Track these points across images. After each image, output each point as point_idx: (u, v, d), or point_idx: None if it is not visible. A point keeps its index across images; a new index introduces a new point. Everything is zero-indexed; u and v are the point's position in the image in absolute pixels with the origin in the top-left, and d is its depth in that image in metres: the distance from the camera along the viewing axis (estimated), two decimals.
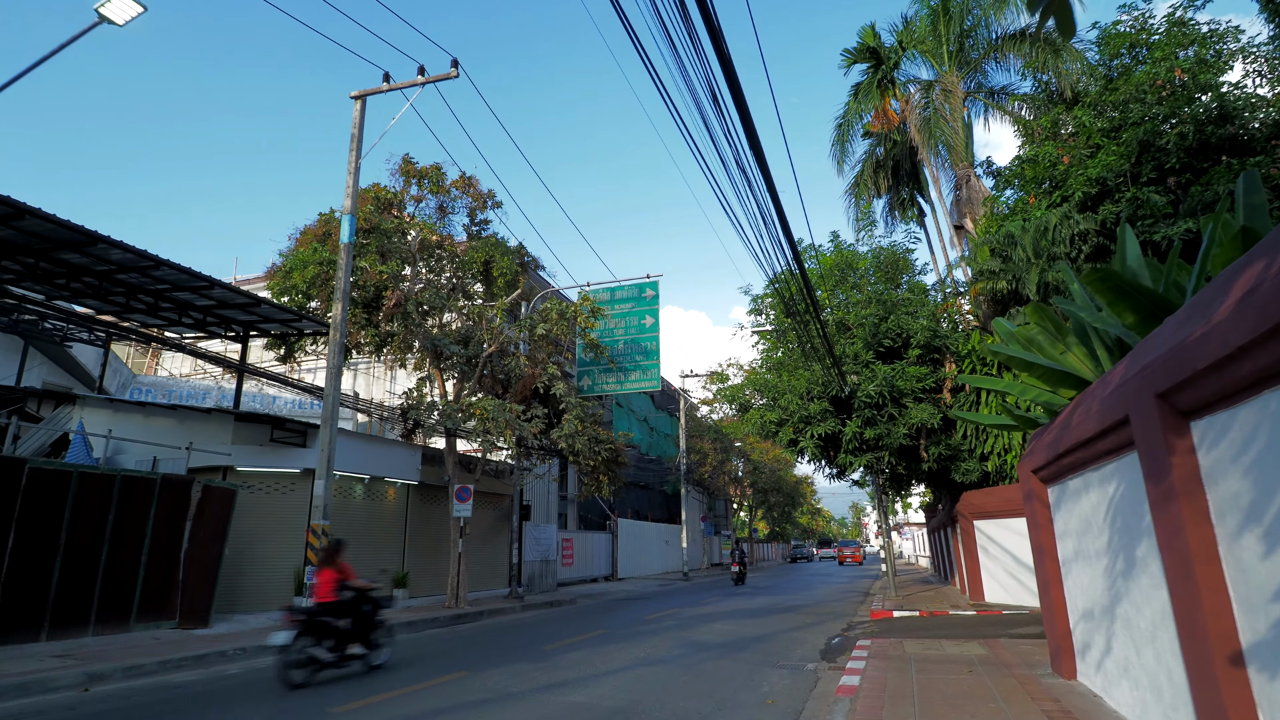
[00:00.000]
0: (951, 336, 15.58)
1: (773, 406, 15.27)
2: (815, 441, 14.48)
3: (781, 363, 16.22)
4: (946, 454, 14.83)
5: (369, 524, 16.39)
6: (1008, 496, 14.41)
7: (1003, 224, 15.85)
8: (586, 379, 19.84)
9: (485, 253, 19.09)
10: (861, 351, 14.80)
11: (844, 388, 14.07)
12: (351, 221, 13.93)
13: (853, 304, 15.67)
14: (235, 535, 14.25)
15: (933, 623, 12.46)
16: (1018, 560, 14.32)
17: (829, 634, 11.86)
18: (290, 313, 14.69)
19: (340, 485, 15.69)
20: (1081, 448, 5.33)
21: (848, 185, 21.51)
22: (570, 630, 12.37)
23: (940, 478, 16.95)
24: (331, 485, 15.23)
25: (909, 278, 17.24)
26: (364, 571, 15.86)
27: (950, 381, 15.37)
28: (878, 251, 16.53)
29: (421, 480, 17.88)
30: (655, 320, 19.09)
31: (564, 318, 17.64)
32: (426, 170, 18.22)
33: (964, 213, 18.49)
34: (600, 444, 17.79)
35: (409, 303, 15.24)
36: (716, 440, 39.41)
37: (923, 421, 14.35)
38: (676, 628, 12.48)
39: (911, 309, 15.57)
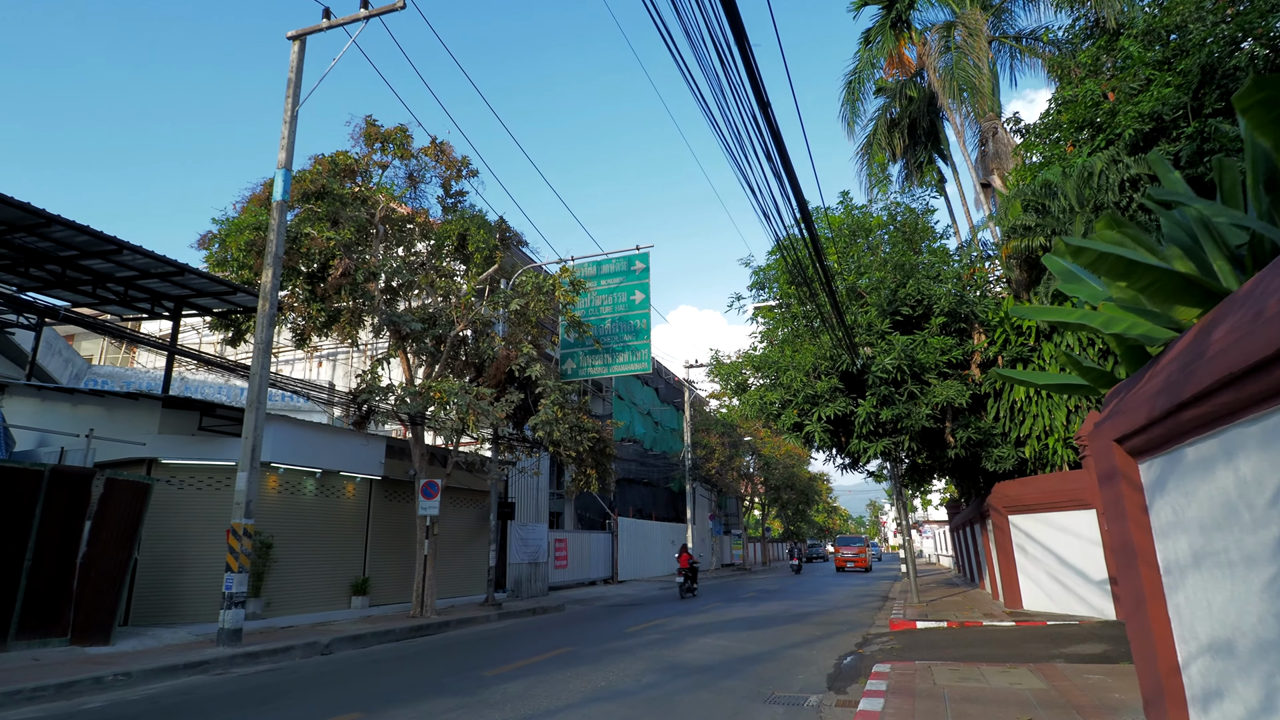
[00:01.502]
0: (980, 303, 13.51)
1: (774, 385, 13.28)
2: (823, 425, 12.49)
3: (785, 339, 14.22)
4: (976, 438, 12.78)
5: (323, 524, 14.62)
6: (1050, 487, 12.33)
7: (1037, 174, 13.77)
8: (570, 362, 17.96)
9: (460, 226, 17.31)
10: (876, 320, 12.79)
11: (856, 361, 12.06)
12: (286, 177, 12.16)
13: (865, 265, 13.64)
14: (159, 537, 12.54)
15: (964, 637, 10.43)
16: (1063, 562, 12.24)
17: (840, 650, 9.89)
18: (222, 284, 12.95)
19: (287, 480, 13.94)
20: (1233, 385, 3.33)
21: (859, 147, 19.45)
22: (531, 648, 10.50)
23: (968, 467, 14.88)
24: (259, 479, 13.51)
25: (929, 244, 15.17)
26: (316, 578, 14.15)
27: (979, 355, 13.30)
28: (893, 207, 14.51)
29: (386, 475, 16.10)
30: (646, 296, 17.17)
31: (541, 291, 15.77)
32: (390, 133, 16.42)
33: (991, 168, 16.39)
34: (584, 432, 15.90)
35: (358, 272, 13.44)
36: (724, 434, 37.37)
37: (948, 400, 12.30)
38: (659, 644, 10.56)
39: (933, 272, 13.53)
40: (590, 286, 17.94)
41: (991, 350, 13.10)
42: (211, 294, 13.46)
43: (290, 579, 13.65)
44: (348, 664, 9.78)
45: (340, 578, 14.87)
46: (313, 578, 14.17)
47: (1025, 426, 12.72)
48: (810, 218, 9.11)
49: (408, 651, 10.89)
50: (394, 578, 16.05)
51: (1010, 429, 13.10)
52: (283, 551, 13.52)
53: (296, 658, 10.51)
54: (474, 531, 19.35)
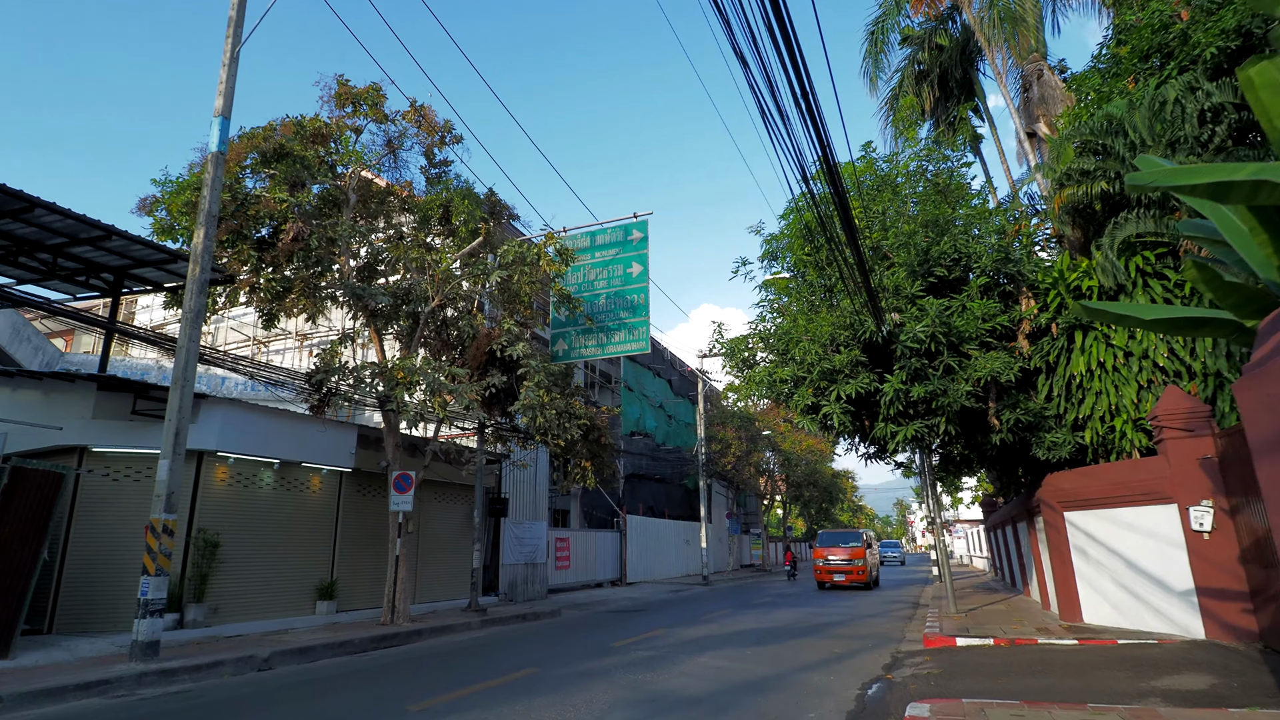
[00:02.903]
0: (1028, 263, 11.54)
1: (785, 361, 11.46)
2: (843, 405, 10.65)
3: (799, 309, 12.35)
4: (1026, 420, 10.83)
5: (282, 520, 13.13)
6: (1118, 477, 10.34)
7: (1094, 112, 11.75)
8: (562, 343, 16.28)
9: (443, 197, 15.74)
10: (905, 283, 10.89)
11: (881, 329, 10.18)
12: (223, 125, 10.64)
13: (891, 219, 11.73)
14: (91, 535, 11.13)
15: (1018, 660, 8.53)
16: (1133, 567, 10.25)
17: (864, 674, 8.07)
18: (160, 251, 11.49)
19: (239, 471, 12.46)
20: None
21: (882, 101, 17.49)
22: (490, 668, 8.84)
23: (1013, 457, 12.90)
24: (210, 470, 12.04)
25: (964, 203, 13.18)
26: (274, 581, 12.59)
27: (1028, 323, 11.33)
28: (928, 153, 12.53)
29: (357, 467, 14.58)
30: (644, 268, 15.43)
31: (525, 262, 14.10)
32: (362, 92, 14.87)
33: (1036, 115, 14.35)
34: (574, 419, 14.21)
35: (312, 237, 11.89)
36: (741, 428, 35.47)
37: (993, 374, 10.37)
38: (645, 664, 8.83)
39: (972, 228, 11.58)
40: (583, 260, 16.25)
41: (1043, 317, 11.14)
42: (152, 263, 12.02)
43: (242, 582, 12.17)
44: (274, 686, 8.22)
45: (304, 581, 13.38)
46: (270, 581, 12.69)
47: (1085, 406, 10.74)
48: (831, 149, 7.32)
49: (355, 668, 9.32)
50: (366, 580, 14.52)
51: (1066, 410, 11.12)
52: (233, 551, 12.05)
53: (225, 675, 9.00)
54: (463, 530, 17.79)
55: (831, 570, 22.24)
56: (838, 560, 22.11)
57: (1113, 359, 10.47)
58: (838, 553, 22.26)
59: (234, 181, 12.15)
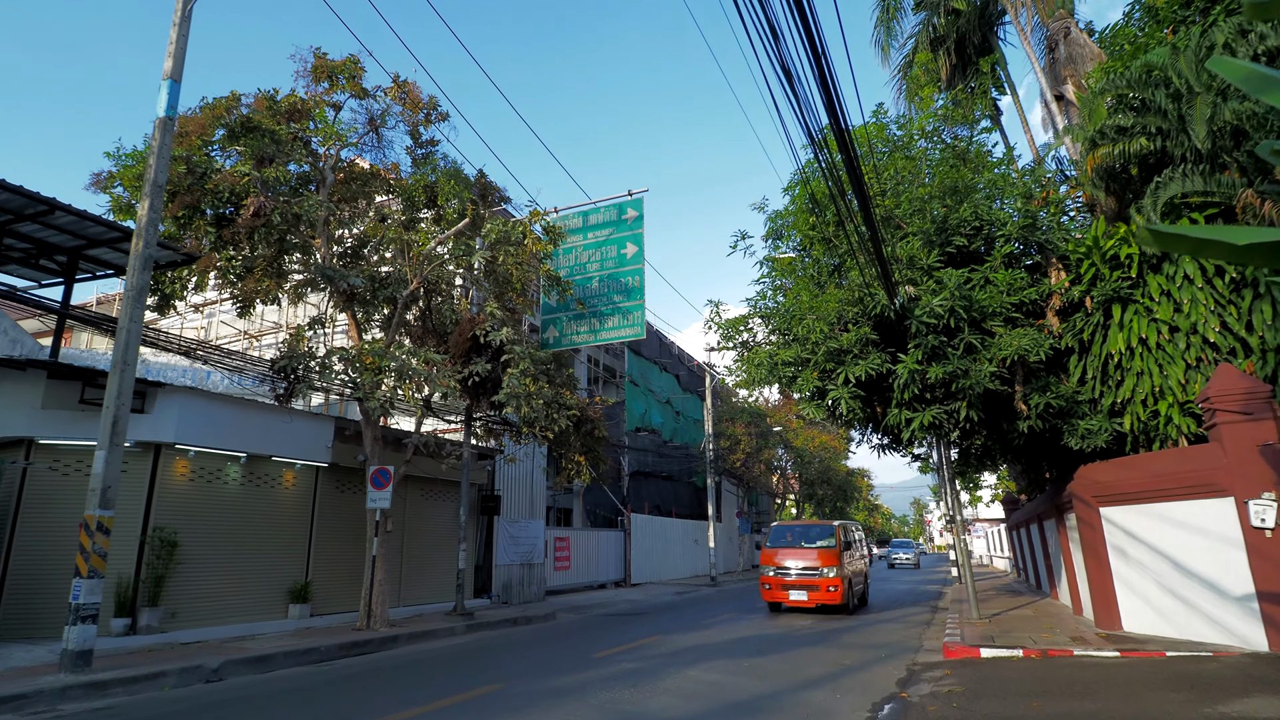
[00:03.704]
0: (1058, 231, 10.40)
1: (788, 341, 10.40)
2: (852, 389, 9.58)
3: (802, 284, 11.27)
4: (1057, 405, 9.70)
5: (250, 519, 12.28)
6: (1163, 468, 9.20)
7: (1130, 64, 10.59)
8: (553, 330, 15.33)
9: (427, 178, 14.87)
10: (920, 253, 9.80)
11: (894, 302, 9.10)
12: (173, 89, 9.80)
13: (905, 182, 10.62)
14: (38, 533, 10.35)
15: (1054, 677, 7.44)
16: (1181, 569, 9.11)
17: (875, 692, 7.04)
18: (113, 228, 10.67)
19: (201, 466, 11.63)
20: None
21: (895, 69, 16.35)
22: (456, 682, 7.90)
23: (1041, 447, 11.76)
24: (166, 464, 11.20)
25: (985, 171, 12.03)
26: (241, 584, 11.65)
27: (1058, 298, 10.19)
28: (945, 112, 11.38)
29: (334, 461, 13.71)
30: (639, 249, 14.43)
31: (508, 241, 13.16)
32: (339, 64, 13.98)
33: (1064, 76, 13.19)
34: (563, 409, 13.24)
35: (274, 213, 11.01)
36: (751, 424, 34.38)
37: (1020, 353, 9.25)
38: (628, 678, 7.84)
39: (995, 193, 10.45)
40: (575, 241, 15.27)
41: (1076, 290, 10.00)
42: (106, 242, 11.21)
43: (204, 584, 11.34)
44: (211, 701, 7.34)
45: (275, 583, 12.52)
46: (236, 583, 11.85)
47: (1125, 389, 9.58)
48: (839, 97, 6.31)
49: (310, 681, 8.44)
50: (344, 583, 13.65)
51: (1103, 393, 9.97)
52: (194, 551, 11.21)
53: (166, 687, 8.15)
54: (453, 529, 16.87)
55: (786, 584, 14.41)
56: (796, 568, 14.40)
57: (1156, 335, 9.33)
58: (795, 557, 14.53)
59: (192, 153, 11.30)
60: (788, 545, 14.95)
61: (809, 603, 14.07)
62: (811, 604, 14.08)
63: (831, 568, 14.15)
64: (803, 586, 14.23)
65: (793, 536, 15.25)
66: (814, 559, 14.32)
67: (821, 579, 14.09)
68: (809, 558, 14.41)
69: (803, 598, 14.14)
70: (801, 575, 14.34)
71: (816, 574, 14.18)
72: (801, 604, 14.19)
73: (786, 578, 14.41)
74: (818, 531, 15.23)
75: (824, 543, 14.68)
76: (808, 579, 14.23)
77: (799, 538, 15.16)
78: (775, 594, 14.59)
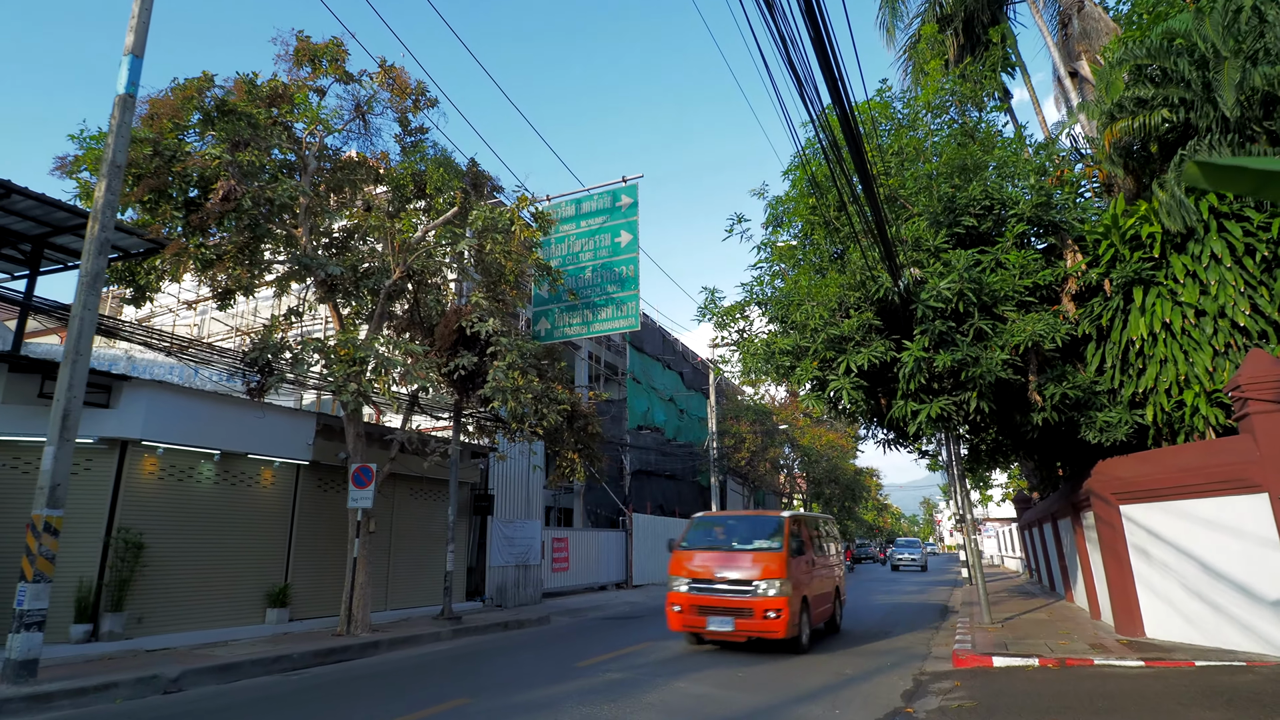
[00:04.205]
0: (1074, 210, 9.73)
1: (786, 330, 9.78)
2: (853, 379, 8.96)
3: (801, 270, 10.63)
4: (1073, 396, 9.04)
5: (225, 519, 11.76)
6: (1189, 462, 8.53)
7: (1149, 32, 9.92)
8: (545, 321, 14.76)
9: (414, 166, 14.37)
10: (926, 234, 9.16)
11: (899, 284, 8.47)
12: (134, 65, 9.29)
13: (910, 158, 9.96)
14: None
15: (1075, 689, 6.80)
16: (1209, 571, 8.44)
17: (878, 708, 6.42)
18: (77, 214, 10.17)
19: (170, 463, 11.12)
20: None
21: (900, 49, 15.68)
22: (423, 694, 7.34)
23: (1056, 441, 11.09)
24: (138, 461, 10.70)
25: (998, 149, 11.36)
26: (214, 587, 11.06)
27: (1074, 282, 9.52)
28: (954, 87, 10.69)
29: (316, 459, 13.17)
30: (634, 237, 13.85)
31: (495, 229, 12.60)
32: (321, 47, 13.49)
33: (1078, 52, 12.52)
34: (553, 404, 12.67)
35: (245, 197, 10.49)
36: (756, 422, 33.74)
37: (1034, 339, 8.60)
38: (609, 691, 7.25)
39: (1006, 171, 9.80)
40: (568, 230, 14.72)
41: (1094, 273, 9.33)
42: (70, 229, 10.71)
43: (174, 588, 10.82)
44: (164, 715, 6.83)
45: (251, 586, 12.00)
46: (209, 586, 11.33)
47: (1147, 378, 8.91)
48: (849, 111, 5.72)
49: (273, 691, 7.93)
50: (327, 585, 13.12)
51: (1123, 383, 9.29)
52: (163, 553, 10.70)
53: (118, 700, 7.65)
54: (444, 529, 16.34)
55: (703, 604, 9.66)
56: (720, 582, 9.64)
57: (1180, 319, 8.66)
58: (721, 564, 9.84)
59: (162, 135, 10.80)
60: (712, 546, 10.24)
61: (735, 635, 9.27)
62: (740, 637, 9.32)
63: (773, 582, 9.13)
64: (727, 610, 9.28)
65: (722, 533, 10.59)
66: (748, 568, 9.43)
67: (756, 599, 9.12)
68: (740, 566, 9.52)
69: (726, 627, 9.22)
70: (728, 593, 9.38)
71: (748, 592, 9.21)
72: (725, 636, 9.39)
73: (705, 595, 9.51)
74: (757, 526, 10.43)
75: (765, 543, 9.76)
76: (735, 598, 9.28)
77: (730, 534, 10.44)
78: (688, 618, 9.61)
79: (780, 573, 9.30)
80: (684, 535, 10.75)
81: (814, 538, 11.16)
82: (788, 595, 9.18)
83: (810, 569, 10.37)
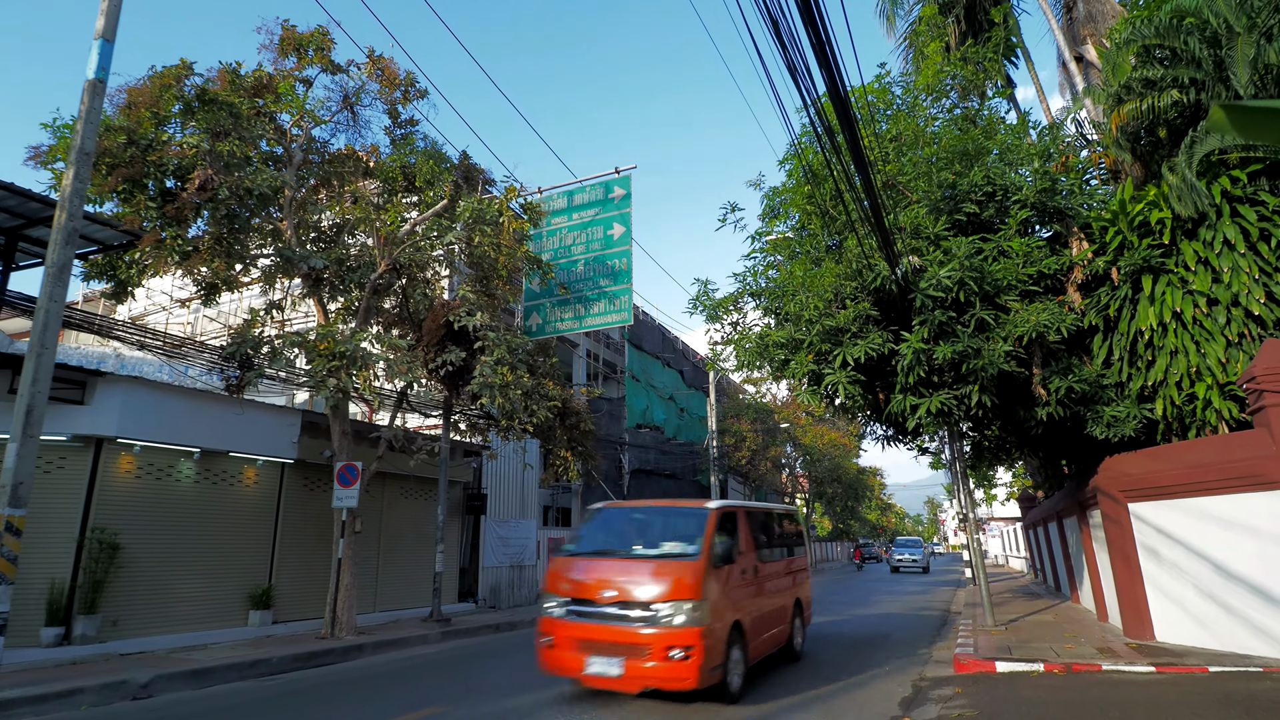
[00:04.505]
0: (1080, 196, 9.37)
1: (781, 321, 9.44)
2: (850, 373, 8.61)
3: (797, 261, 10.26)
4: (1079, 390, 8.68)
5: (206, 519, 11.47)
6: (1202, 458, 8.16)
7: (1157, 11, 9.53)
8: (536, 316, 14.43)
9: (402, 158, 14.08)
10: (926, 220, 8.81)
11: (896, 272, 8.11)
12: (104, 49, 8.97)
13: (909, 143, 9.59)
14: None
15: (1081, 695, 6.44)
16: (1223, 572, 8.06)
17: (873, 718, 6.07)
18: (38, 200, 9.85)
19: (148, 461, 10.83)
20: None
21: (900, 37, 15.31)
22: (392, 704, 7.00)
23: (1061, 438, 10.72)
24: (114, 459, 10.41)
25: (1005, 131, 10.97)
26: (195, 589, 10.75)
27: (1080, 270, 9.15)
28: (955, 69, 10.33)
29: (302, 457, 12.88)
30: (627, 229, 13.51)
31: (483, 220, 12.28)
32: (307, 36, 13.21)
33: (1083, 36, 12.15)
34: (544, 400, 12.34)
35: (222, 187, 10.19)
36: (757, 420, 33.36)
37: (1039, 330, 8.24)
38: (593, 699, 6.91)
39: (1009, 158, 9.43)
40: (559, 223, 14.39)
41: (1100, 261, 8.96)
42: (42, 220, 10.41)
43: (152, 590, 10.53)
44: None
45: (234, 588, 11.71)
46: (189, 588, 11.04)
47: (1157, 370, 8.54)
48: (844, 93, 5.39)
49: (245, 699, 7.67)
50: (312, 587, 12.82)
51: (1131, 376, 8.92)
52: (140, 554, 10.41)
53: (83, 707, 7.37)
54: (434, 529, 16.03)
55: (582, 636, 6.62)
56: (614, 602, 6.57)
57: (1192, 308, 8.28)
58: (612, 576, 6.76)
59: (137, 124, 10.50)
60: (607, 550, 7.30)
61: (625, 683, 6.34)
62: (631, 686, 6.39)
63: (680, 605, 6.28)
64: (615, 647, 6.36)
65: (626, 531, 7.69)
66: (648, 583, 6.47)
67: (655, 632, 6.22)
68: (638, 579, 6.55)
69: (612, 670, 6.31)
70: (616, 620, 6.45)
71: (645, 619, 6.33)
72: (611, 684, 6.40)
73: (586, 622, 6.60)
74: (672, 522, 7.49)
75: (677, 548, 6.91)
76: (627, 628, 6.37)
77: (636, 534, 7.60)
78: (560, 657, 6.64)
79: (693, 591, 6.23)
80: (576, 534, 7.86)
81: (759, 538, 8.10)
82: (703, 625, 6.14)
83: (749, 581, 7.43)
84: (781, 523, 9.38)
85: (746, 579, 7.44)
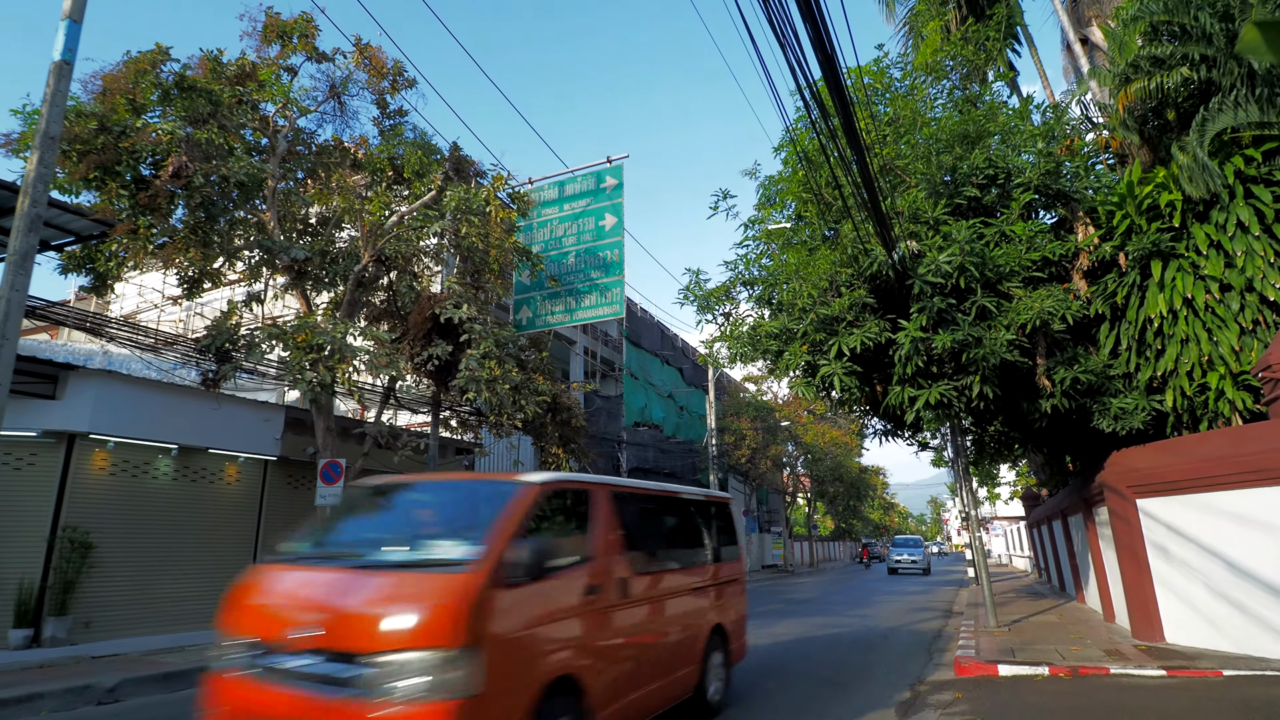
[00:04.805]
0: (1085, 179, 8.99)
1: (774, 312, 9.09)
2: (846, 365, 8.26)
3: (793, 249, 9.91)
4: (1085, 381, 8.31)
5: (184, 518, 11.16)
6: (1214, 451, 7.78)
7: None
8: (526, 310, 14.10)
9: (389, 149, 13.77)
10: (925, 204, 8.45)
11: (893, 256, 7.76)
12: (71, 30, 8.64)
13: (906, 125, 9.23)
14: None
15: (1088, 700, 6.08)
16: (1237, 570, 7.69)
17: None
18: (6, 189, 9.55)
19: (123, 458, 10.52)
20: None
21: (900, 22, 14.95)
22: None
23: (1066, 432, 10.35)
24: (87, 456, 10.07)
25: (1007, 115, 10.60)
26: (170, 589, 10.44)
27: (1085, 257, 8.79)
28: (956, 50, 9.98)
29: (286, 454, 12.57)
30: (619, 220, 13.18)
31: (470, 210, 11.95)
32: (291, 23, 12.90)
33: (1088, 17, 11.78)
34: (533, 395, 12.00)
35: (197, 174, 9.87)
36: (757, 418, 32.99)
37: (1043, 317, 7.87)
38: None
39: (1012, 141, 9.06)
40: (550, 214, 14.06)
41: (1107, 247, 8.59)
42: (10, 210, 10.11)
43: (126, 591, 10.23)
44: None
45: (214, 588, 11.31)
46: (166, 589, 10.73)
47: (1166, 359, 8.17)
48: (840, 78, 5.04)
49: None
50: None
51: (1140, 366, 8.55)
52: (114, 554, 10.10)
53: (44, 712, 7.06)
54: None
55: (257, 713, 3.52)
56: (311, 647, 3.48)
57: (1204, 294, 7.92)
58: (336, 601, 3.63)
59: (110, 111, 10.20)
60: (332, 557, 4.36)
61: None
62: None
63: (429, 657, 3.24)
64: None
65: (387, 523, 4.79)
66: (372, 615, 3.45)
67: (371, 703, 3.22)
68: (357, 607, 3.55)
69: None
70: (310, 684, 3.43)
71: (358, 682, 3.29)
72: None
73: (262, 681, 3.61)
74: (456, 509, 4.61)
75: (445, 550, 3.97)
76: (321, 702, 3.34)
77: (400, 527, 4.68)
78: None
79: (453, 630, 3.36)
80: (313, 526, 5.20)
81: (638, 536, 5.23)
82: (470, 693, 3.30)
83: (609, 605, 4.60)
84: (693, 515, 6.48)
85: (599, 601, 4.46)
